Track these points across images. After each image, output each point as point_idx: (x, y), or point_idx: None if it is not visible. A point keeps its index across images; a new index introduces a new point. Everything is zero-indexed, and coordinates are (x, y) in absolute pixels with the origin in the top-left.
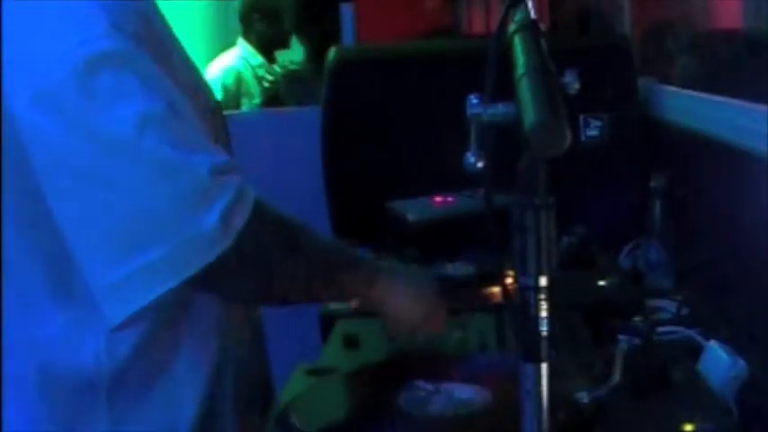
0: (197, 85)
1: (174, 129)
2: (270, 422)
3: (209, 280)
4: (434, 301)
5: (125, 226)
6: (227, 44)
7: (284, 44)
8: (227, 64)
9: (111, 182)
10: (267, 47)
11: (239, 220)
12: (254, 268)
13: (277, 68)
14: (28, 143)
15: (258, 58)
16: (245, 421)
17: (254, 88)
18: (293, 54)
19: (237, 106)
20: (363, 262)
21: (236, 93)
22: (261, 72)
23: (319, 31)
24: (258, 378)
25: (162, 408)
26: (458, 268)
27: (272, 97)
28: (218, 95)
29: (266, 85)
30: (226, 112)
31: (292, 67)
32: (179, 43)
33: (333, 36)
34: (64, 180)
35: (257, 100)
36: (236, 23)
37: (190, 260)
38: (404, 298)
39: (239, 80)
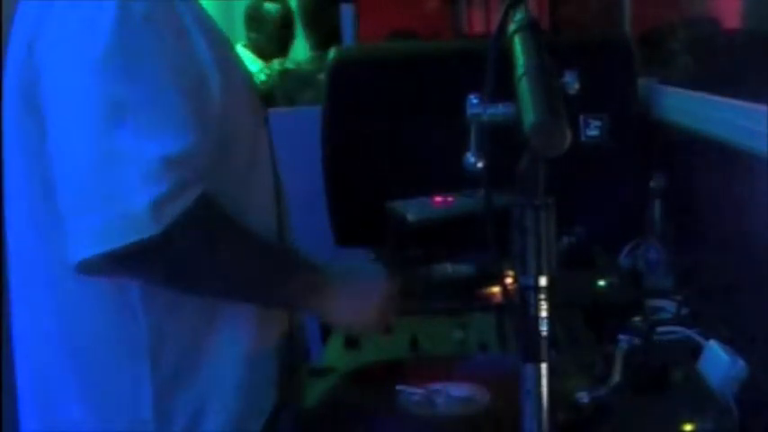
0: (229, 62)
1: (142, 115)
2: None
3: (131, 260)
4: (379, 305)
5: (76, 191)
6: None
7: (282, 53)
8: None
9: (74, 152)
10: (265, 55)
11: (170, 212)
12: (172, 261)
13: (276, 65)
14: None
15: (258, 64)
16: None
17: None
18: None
19: None
20: (304, 271)
21: None
22: (262, 77)
23: (325, 29)
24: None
25: (204, 378)
26: (458, 268)
27: (267, 94)
28: None
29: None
30: None
31: (289, 66)
32: (210, 23)
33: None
34: (53, 141)
35: None
36: (240, 25)
37: (114, 235)
38: (343, 310)
39: None
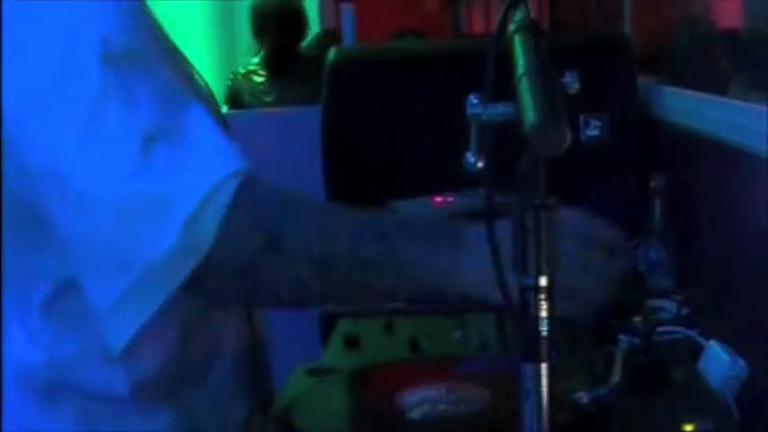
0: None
1: (166, 155)
2: (269, 422)
3: (195, 289)
4: None
5: (109, 245)
6: (230, 45)
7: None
8: None
9: (96, 204)
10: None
11: (208, 235)
12: (232, 277)
13: (240, 69)
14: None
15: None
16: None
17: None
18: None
19: None
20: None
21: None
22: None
23: (276, 40)
24: (255, 379)
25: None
26: None
27: (232, 95)
28: None
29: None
30: (225, 112)
31: (251, 67)
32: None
33: (290, 45)
34: (62, 202)
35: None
36: (238, 24)
37: (165, 278)
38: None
39: None
